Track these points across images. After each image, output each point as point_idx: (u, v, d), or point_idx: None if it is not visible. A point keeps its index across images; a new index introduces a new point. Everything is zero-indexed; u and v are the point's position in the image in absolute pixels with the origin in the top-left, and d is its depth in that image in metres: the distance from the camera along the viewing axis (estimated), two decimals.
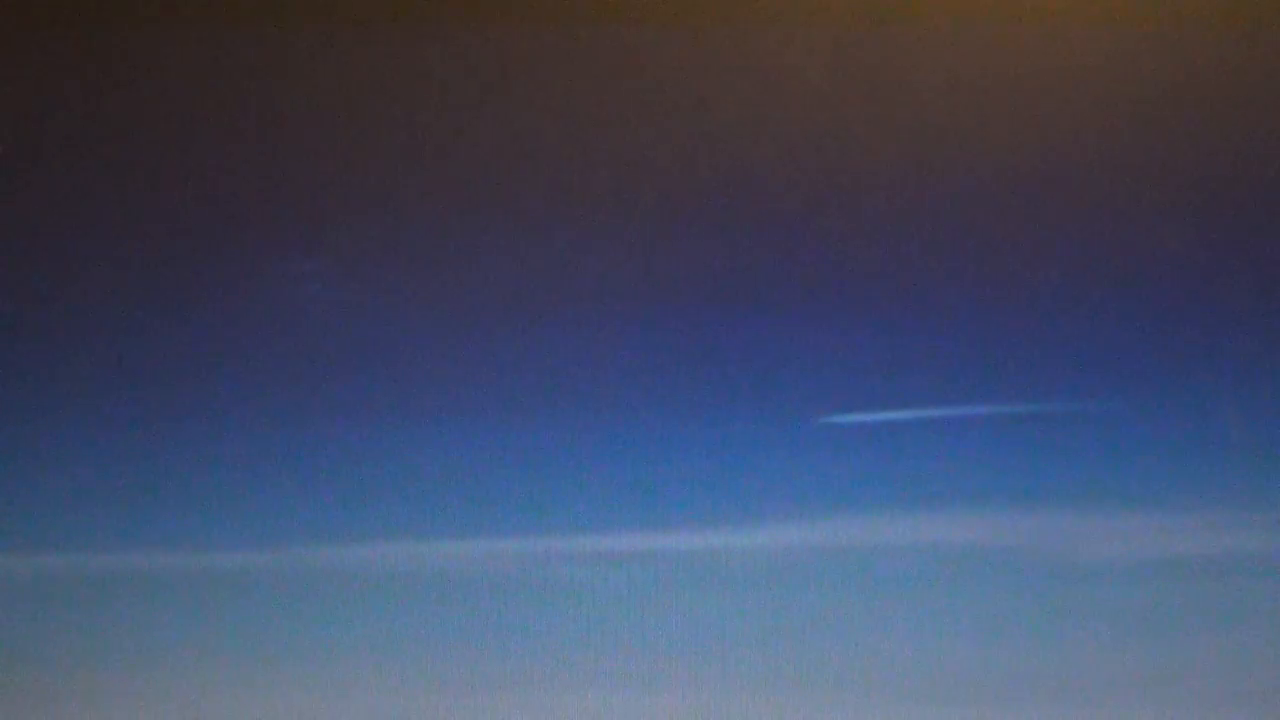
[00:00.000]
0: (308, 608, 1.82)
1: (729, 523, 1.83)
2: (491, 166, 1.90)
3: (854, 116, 1.89)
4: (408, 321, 1.88)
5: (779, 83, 1.90)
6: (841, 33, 1.90)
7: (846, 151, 1.89)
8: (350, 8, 1.91)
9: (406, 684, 1.80)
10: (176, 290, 1.88)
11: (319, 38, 1.91)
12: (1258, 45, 1.92)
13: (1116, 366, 1.86)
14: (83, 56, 1.90)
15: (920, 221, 1.88)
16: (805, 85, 1.90)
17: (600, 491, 1.83)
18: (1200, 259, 1.89)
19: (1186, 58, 1.91)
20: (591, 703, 1.79)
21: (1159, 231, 1.89)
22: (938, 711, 1.80)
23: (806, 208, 1.88)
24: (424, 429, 1.85)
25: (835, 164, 1.88)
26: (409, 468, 1.85)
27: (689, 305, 1.87)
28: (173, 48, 1.90)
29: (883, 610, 1.82)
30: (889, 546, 1.83)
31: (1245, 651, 1.82)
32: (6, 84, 1.90)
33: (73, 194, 1.89)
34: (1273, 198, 1.90)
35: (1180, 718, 1.80)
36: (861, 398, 1.85)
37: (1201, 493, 1.84)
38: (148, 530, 1.84)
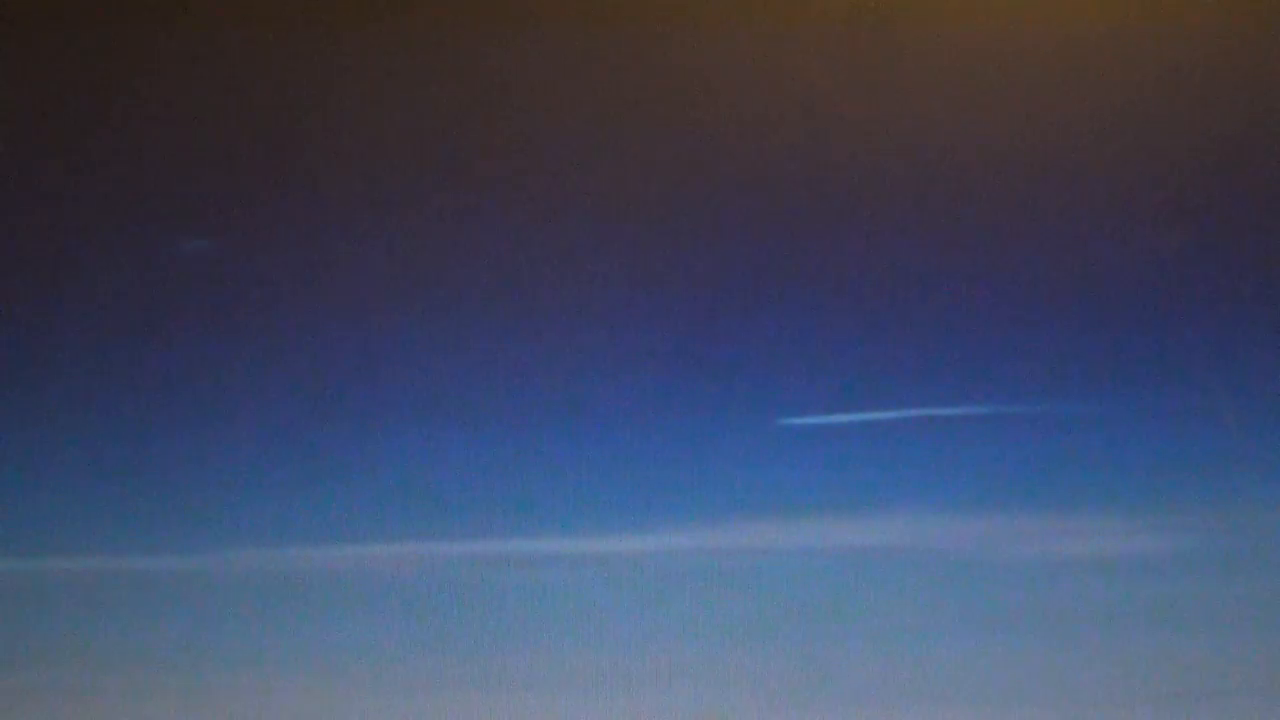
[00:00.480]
0: (300, 610, 1.86)
1: (687, 525, 1.83)
2: (468, 167, 1.91)
3: (830, 114, 1.87)
4: (391, 323, 1.90)
5: (758, 80, 1.88)
6: (824, 28, 1.87)
7: (819, 150, 1.86)
8: (345, 7, 1.93)
9: (392, 685, 1.84)
10: (174, 289, 1.92)
11: (313, 37, 1.93)
12: (1260, 44, 1.86)
13: (1084, 367, 1.83)
14: (71, 56, 1.93)
15: (887, 223, 1.85)
16: (789, 84, 1.88)
17: (562, 495, 1.84)
18: (1178, 261, 1.85)
19: (1187, 56, 1.85)
20: (556, 705, 1.81)
21: (1132, 231, 1.85)
22: (902, 713, 1.80)
23: (773, 208, 1.87)
24: (397, 433, 1.88)
25: (806, 163, 1.86)
26: (388, 471, 1.88)
27: (651, 307, 1.87)
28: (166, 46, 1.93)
29: (847, 613, 1.82)
30: (850, 548, 1.82)
31: (1235, 648, 1.79)
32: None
33: (69, 193, 1.93)
34: (1265, 197, 1.85)
35: (1163, 715, 1.79)
36: (821, 400, 1.84)
37: (1174, 494, 1.81)
38: (144, 531, 1.89)
